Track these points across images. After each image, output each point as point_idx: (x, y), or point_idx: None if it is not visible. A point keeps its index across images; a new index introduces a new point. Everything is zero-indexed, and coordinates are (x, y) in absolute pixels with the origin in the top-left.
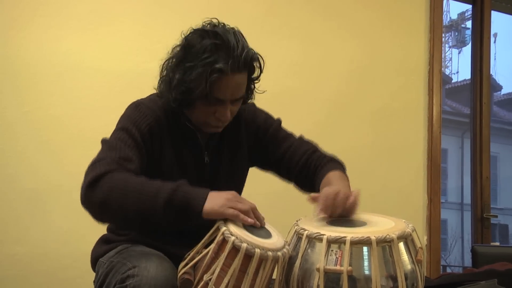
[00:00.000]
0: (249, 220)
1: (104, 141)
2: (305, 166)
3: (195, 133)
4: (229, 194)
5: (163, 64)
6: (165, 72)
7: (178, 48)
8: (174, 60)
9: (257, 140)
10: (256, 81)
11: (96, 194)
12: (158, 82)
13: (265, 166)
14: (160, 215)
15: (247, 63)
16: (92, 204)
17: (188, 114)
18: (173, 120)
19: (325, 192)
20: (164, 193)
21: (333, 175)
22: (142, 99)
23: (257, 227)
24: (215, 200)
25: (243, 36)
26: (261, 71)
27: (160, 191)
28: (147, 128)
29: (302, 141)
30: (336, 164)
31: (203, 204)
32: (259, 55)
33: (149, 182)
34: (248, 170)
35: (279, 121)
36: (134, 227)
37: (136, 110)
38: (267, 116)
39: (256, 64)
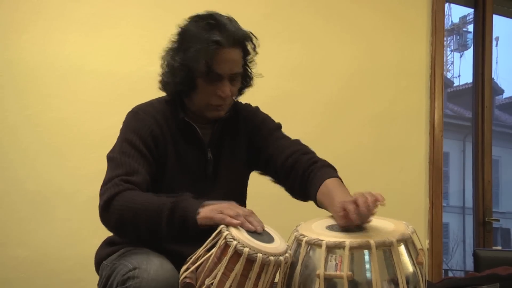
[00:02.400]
0: (234, 222)
1: (109, 158)
2: (293, 167)
3: (195, 130)
4: (224, 203)
5: (163, 56)
6: (166, 63)
7: (175, 39)
8: (173, 48)
9: (253, 140)
10: (253, 66)
11: (111, 219)
12: (160, 76)
13: (258, 167)
14: (165, 232)
15: (240, 40)
16: (110, 227)
17: (190, 101)
18: (172, 120)
19: (349, 204)
20: (164, 212)
21: (331, 183)
22: (139, 105)
23: (258, 231)
24: (208, 208)
25: (237, 22)
26: (255, 52)
27: (162, 211)
28: (148, 133)
29: (293, 142)
30: (330, 170)
31: (197, 215)
32: (254, 35)
33: (151, 201)
34: (248, 171)
35: (278, 124)
36: (150, 243)
37: (134, 118)
38: (266, 117)
39: (250, 44)
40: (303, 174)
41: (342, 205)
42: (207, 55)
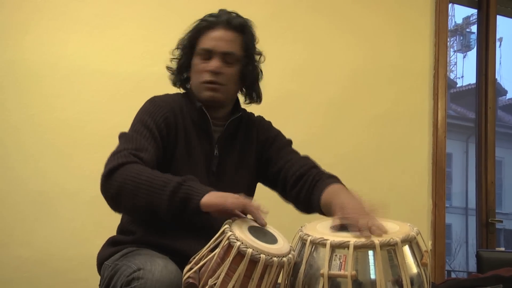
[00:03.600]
0: (236, 203)
1: (122, 135)
2: (301, 177)
3: (209, 124)
4: (232, 194)
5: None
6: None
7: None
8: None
9: (264, 151)
10: (259, 56)
11: (112, 185)
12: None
13: (266, 179)
14: (165, 207)
15: (235, 23)
16: (108, 194)
17: (191, 86)
18: (187, 112)
19: (350, 207)
20: (170, 186)
21: (338, 187)
22: (156, 95)
23: (263, 232)
24: (215, 194)
25: (239, 14)
26: (255, 40)
27: (167, 184)
28: (163, 119)
29: (304, 157)
30: (336, 179)
31: (201, 197)
32: (252, 22)
33: (159, 175)
34: (255, 178)
35: (289, 140)
36: (145, 218)
37: (151, 104)
38: (279, 132)
39: (248, 31)
40: (310, 182)
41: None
42: (196, 32)
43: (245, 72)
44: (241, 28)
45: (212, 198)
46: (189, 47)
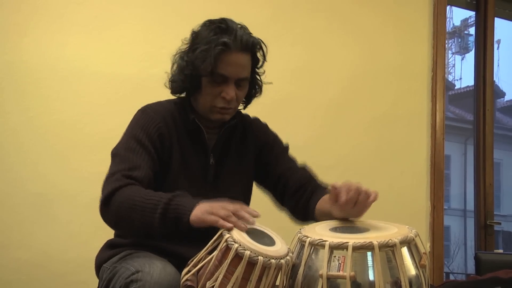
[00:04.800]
0: (227, 225)
1: (114, 154)
2: (302, 187)
3: (202, 134)
4: (216, 202)
5: (174, 57)
6: (175, 63)
7: (186, 42)
8: (183, 50)
9: (262, 155)
10: (262, 74)
11: (109, 212)
12: (170, 74)
13: (263, 183)
14: (158, 228)
15: (249, 45)
16: (107, 221)
17: (196, 101)
18: (180, 121)
19: (347, 184)
20: (159, 207)
21: None
22: (148, 104)
23: (261, 234)
24: (200, 209)
25: (248, 30)
26: (264, 59)
27: (157, 207)
28: (156, 131)
29: (303, 167)
30: None
31: (189, 214)
32: (263, 43)
33: (149, 196)
34: (252, 180)
35: (287, 145)
36: (145, 237)
37: (143, 115)
38: (277, 137)
39: (259, 51)
40: (310, 191)
41: (334, 186)
42: (213, 56)
43: (251, 91)
44: (253, 48)
45: (199, 214)
46: (201, 68)
